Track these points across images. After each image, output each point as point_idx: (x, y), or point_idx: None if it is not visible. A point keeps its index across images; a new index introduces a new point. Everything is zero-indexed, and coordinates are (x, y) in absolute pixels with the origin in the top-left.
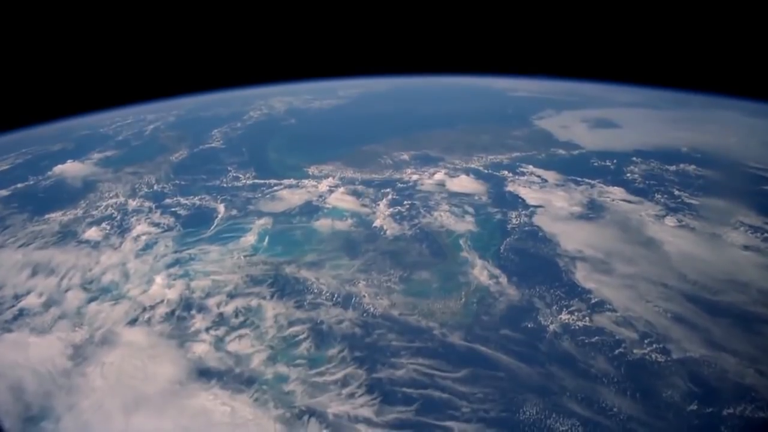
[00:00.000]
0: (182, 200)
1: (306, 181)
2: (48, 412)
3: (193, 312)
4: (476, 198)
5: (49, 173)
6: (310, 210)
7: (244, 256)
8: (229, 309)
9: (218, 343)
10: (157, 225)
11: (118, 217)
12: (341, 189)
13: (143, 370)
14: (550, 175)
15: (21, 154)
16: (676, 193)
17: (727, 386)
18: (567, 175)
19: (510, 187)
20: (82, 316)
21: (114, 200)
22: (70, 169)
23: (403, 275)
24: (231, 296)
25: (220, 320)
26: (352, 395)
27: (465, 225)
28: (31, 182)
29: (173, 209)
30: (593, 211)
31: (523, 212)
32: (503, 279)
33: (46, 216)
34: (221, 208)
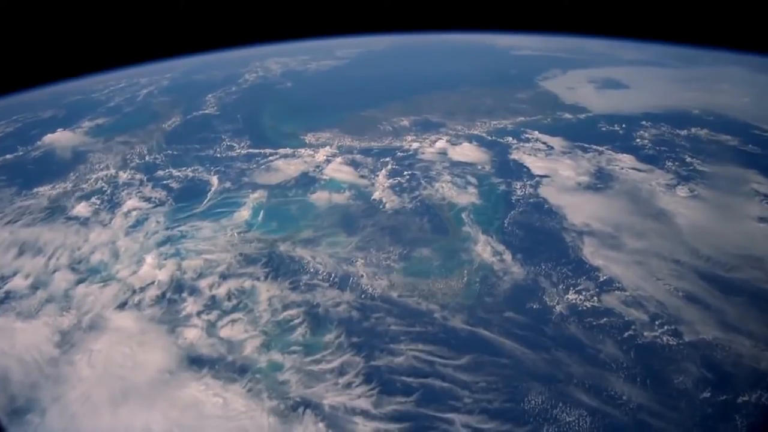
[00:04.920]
0: (174, 172)
1: (302, 150)
2: (34, 403)
3: (185, 294)
4: (479, 167)
5: (39, 143)
6: (307, 182)
7: (238, 233)
8: (221, 291)
9: (210, 329)
10: (148, 199)
11: (108, 191)
12: (339, 159)
13: (132, 358)
14: (556, 142)
15: (11, 122)
16: (688, 159)
17: (742, 371)
18: (574, 141)
19: (514, 155)
20: (70, 299)
21: (104, 172)
22: (60, 138)
23: (403, 253)
24: (224, 277)
25: (213, 303)
26: (349, 385)
27: (467, 197)
28: (21, 153)
29: (165, 182)
30: (601, 180)
31: (528, 183)
32: (507, 256)
33: (35, 190)
34: (214, 180)
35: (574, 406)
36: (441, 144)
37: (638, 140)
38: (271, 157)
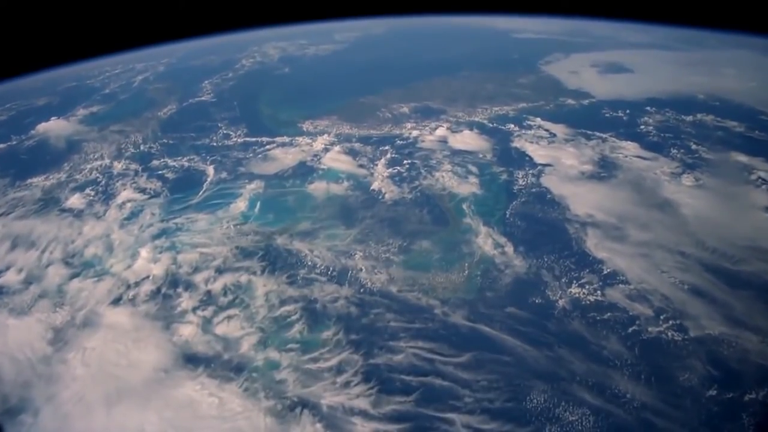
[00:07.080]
0: (170, 162)
1: (300, 139)
2: (27, 403)
3: (180, 290)
4: (480, 156)
5: (33, 132)
6: (304, 171)
7: (234, 226)
8: (217, 286)
9: (206, 325)
10: (143, 191)
11: (103, 182)
12: (337, 147)
13: (126, 356)
14: (559, 129)
15: (5, 109)
16: (693, 147)
17: (749, 368)
18: (577, 128)
19: (516, 143)
20: (64, 294)
21: (99, 162)
22: (54, 127)
23: (403, 245)
24: (219, 271)
25: (208, 299)
26: (347, 384)
27: (468, 187)
28: (14, 142)
29: (160, 172)
30: (605, 169)
31: (530, 171)
32: (509, 248)
33: (29, 181)
34: (210, 170)
35: (577, 404)
36: (441, 131)
37: (642, 127)
38: (268, 146)
